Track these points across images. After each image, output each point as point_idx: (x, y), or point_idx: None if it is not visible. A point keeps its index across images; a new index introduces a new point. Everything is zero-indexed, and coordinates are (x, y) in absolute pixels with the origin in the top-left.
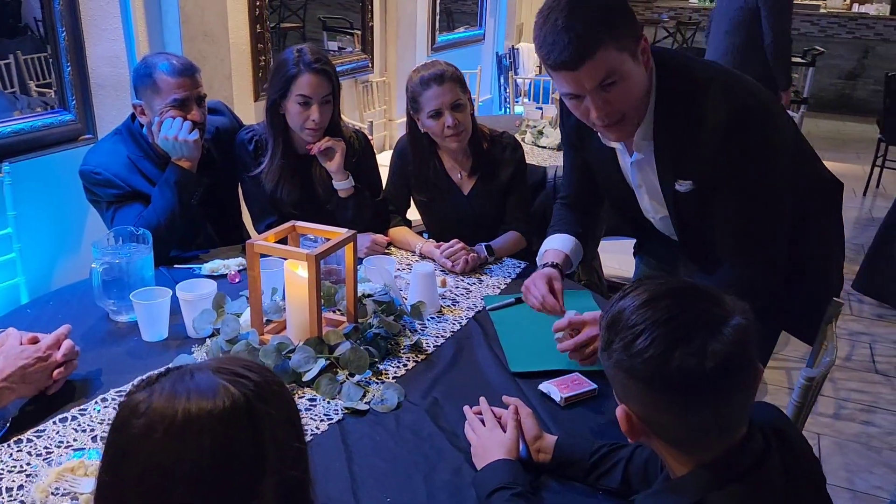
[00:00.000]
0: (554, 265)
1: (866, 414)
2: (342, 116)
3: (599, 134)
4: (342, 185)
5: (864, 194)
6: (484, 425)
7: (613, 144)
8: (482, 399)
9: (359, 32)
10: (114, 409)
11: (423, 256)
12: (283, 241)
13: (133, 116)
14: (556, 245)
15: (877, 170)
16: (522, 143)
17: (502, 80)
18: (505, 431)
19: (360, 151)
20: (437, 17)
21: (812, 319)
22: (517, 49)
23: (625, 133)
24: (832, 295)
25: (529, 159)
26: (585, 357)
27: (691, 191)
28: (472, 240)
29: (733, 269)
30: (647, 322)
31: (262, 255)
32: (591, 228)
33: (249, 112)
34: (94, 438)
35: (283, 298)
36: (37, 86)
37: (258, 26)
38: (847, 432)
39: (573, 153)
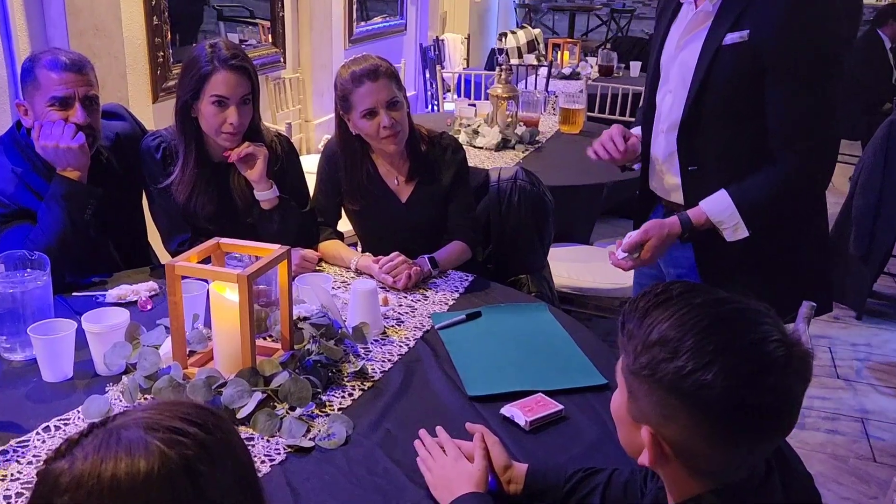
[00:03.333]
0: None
1: (830, 422)
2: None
3: None
4: (265, 195)
5: None
6: (444, 454)
7: (684, 3)
8: (440, 429)
9: (264, 22)
10: (17, 461)
11: (359, 272)
12: (205, 260)
13: (18, 124)
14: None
15: None
16: None
17: (428, 75)
18: (470, 462)
19: (283, 157)
20: (354, 7)
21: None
22: (443, 40)
23: None
24: (811, 296)
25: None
26: (636, 262)
27: (739, 43)
28: (413, 251)
29: (787, 160)
30: (717, 350)
31: (183, 278)
32: None
33: (148, 115)
34: None
35: (207, 325)
36: None
37: (155, 18)
38: (812, 442)
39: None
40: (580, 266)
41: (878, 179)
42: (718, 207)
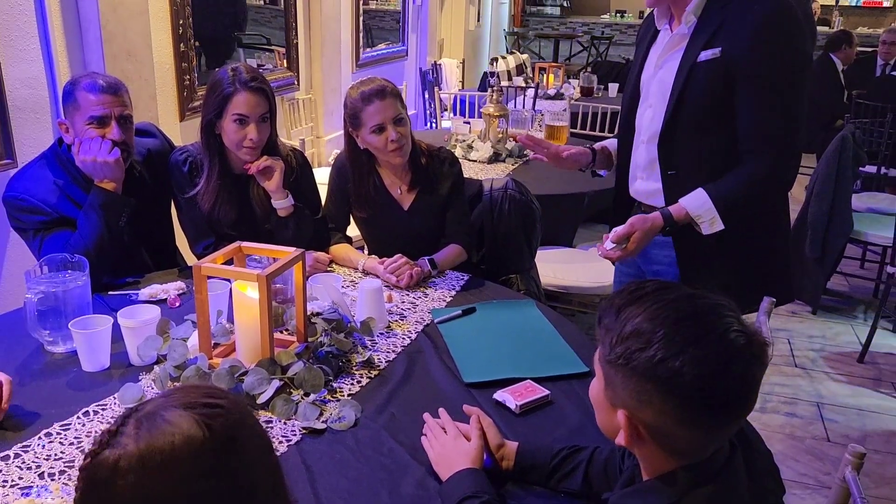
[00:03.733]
0: (592, 149)
1: (789, 406)
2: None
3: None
4: (281, 203)
5: None
6: (445, 434)
7: (661, 29)
8: (442, 410)
9: (279, 49)
10: (59, 443)
11: (366, 273)
12: (228, 262)
13: (60, 141)
14: (606, 143)
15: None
16: None
17: (427, 96)
18: (468, 441)
19: (298, 169)
20: (361, 35)
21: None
22: (440, 64)
23: None
24: (771, 291)
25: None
26: (624, 253)
27: (712, 60)
28: (414, 254)
29: (758, 160)
30: (687, 340)
31: (208, 277)
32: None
33: (175, 132)
34: (40, 475)
35: (230, 320)
36: None
37: (182, 45)
38: (773, 424)
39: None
40: (564, 267)
41: (831, 188)
42: (696, 203)
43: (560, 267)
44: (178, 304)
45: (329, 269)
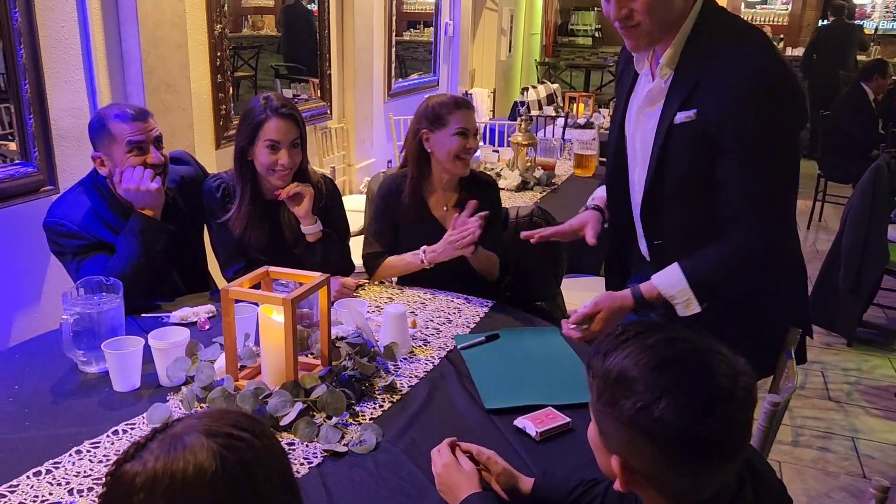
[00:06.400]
0: (597, 207)
1: (822, 440)
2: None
3: (624, 39)
4: (310, 229)
5: (808, 228)
6: (442, 460)
7: (641, 73)
8: (446, 441)
9: (313, 79)
10: (89, 460)
11: (432, 265)
12: (256, 286)
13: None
14: (602, 193)
15: (818, 204)
16: None
17: None
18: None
19: (327, 196)
20: (393, 65)
21: (772, 347)
22: (471, 94)
23: (637, 43)
24: (794, 322)
25: None
26: (586, 333)
27: (688, 122)
28: (447, 274)
29: (738, 234)
30: (669, 387)
31: (236, 301)
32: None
33: (211, 160)
34: (70, 492)
35: (256, 343)
36: None
37: (219, 76)
38: (805, 458)
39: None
40: (590, 295)
41: (865, 219)
42: (670, 282)
43: (587, 295)
44: (207, 327)
45: (355, 294)
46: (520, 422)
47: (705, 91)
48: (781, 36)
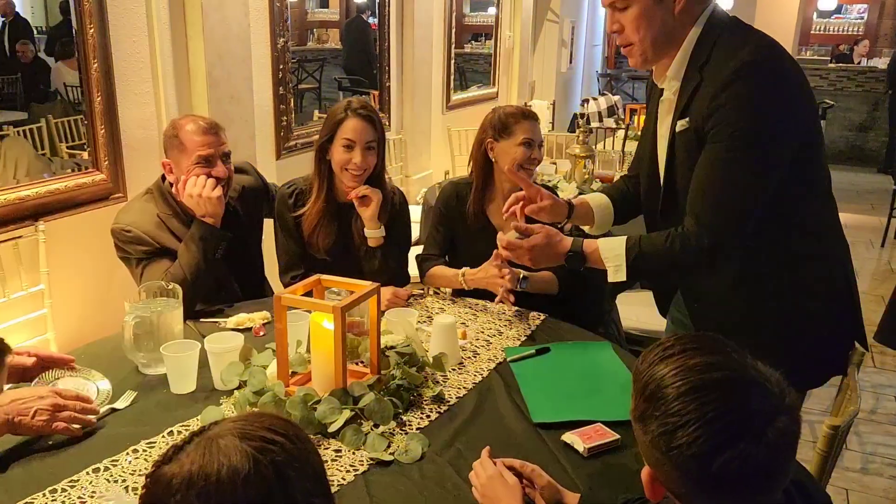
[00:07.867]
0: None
1: (894, 468)
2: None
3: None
4: (373, 233)
5: (883, 245)
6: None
7: (660, 86)
8: (485, 451)
9: (374, 91)
10: (145, 459)
11: (468, 286)
12: (308, 293)
13: (164, 176)
14: (586, 197)
15: (893, 220)
16: None
17: None
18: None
19: (397, 206)
20: (452, 77)
21: (821, 362)
22: (530, 106)
23: (635, 60)
24: (846, 339)
25: None
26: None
27: (684, 130)
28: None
29: (685, 221)
30: (692, 416)
31: (289, 308)
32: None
33: (272, 170)
34: (126, 489)
35: (308, 350)
36: (67, 147)
37: (281, 88)
38: (875, 487)
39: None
40: (647, 310)
41: None
42: (610, 245)
43: (643, 310)
44: (262, 333)
45: (407, 304)
46: (568, 436)
47: (696, 99)
48: (853, 46)
